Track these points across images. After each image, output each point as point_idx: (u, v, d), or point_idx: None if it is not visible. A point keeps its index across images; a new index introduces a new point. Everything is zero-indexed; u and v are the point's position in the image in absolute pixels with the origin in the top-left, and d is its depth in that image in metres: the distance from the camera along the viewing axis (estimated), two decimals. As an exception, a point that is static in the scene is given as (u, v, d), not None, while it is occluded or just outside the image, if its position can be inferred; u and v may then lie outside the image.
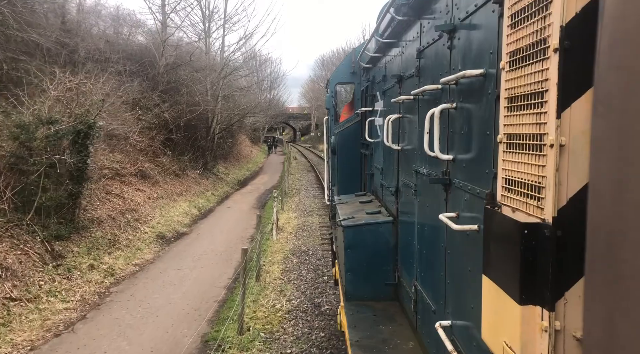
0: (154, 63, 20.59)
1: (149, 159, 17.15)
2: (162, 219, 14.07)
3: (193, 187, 20.01)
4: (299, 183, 26.85)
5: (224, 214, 17.25)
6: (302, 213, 17.30)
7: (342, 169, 7.95)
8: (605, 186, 1.22)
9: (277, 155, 52.80)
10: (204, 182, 21.75)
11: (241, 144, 39.86)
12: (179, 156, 20.59)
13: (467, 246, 2.43)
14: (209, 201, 19.24)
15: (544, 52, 1.42)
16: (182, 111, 20.39)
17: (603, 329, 1.22)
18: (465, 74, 2.27)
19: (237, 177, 28.34)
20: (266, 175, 31.82)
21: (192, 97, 21.31)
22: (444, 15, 2.92)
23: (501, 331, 1.65)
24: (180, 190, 18.31)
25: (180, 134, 20.38)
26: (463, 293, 2.53)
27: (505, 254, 1.62)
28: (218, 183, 23.54)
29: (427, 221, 3.39)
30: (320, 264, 10.73)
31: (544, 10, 1.41)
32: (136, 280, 9.47)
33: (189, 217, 15.68)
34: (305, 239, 13.20)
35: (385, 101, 5.13)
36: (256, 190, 24.33)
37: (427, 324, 3.39)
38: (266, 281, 9.49)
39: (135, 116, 16.83)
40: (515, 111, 1.61)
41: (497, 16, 2.02)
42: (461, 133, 2.57)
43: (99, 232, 10.82)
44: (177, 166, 19.87)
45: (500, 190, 1.73)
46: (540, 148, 1.45)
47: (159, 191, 16.23)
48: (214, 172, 25.36)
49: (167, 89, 20.32)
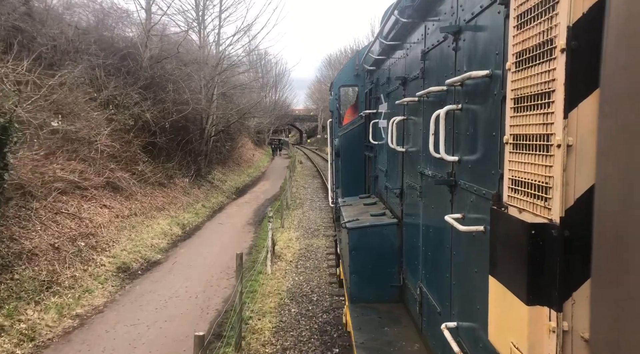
0: (137, 56, 17.89)
1: (123, 167, 14.39)
2: (130, 244, 11.29)
3: (180, 198, 17.28)
4: (303, 191, 24.01)
5: (213, 233, 14.47)
6: (306, 232, 14.50)
7: (346, 172, 7.90)
8: (612, 186, 1.23)
9: (281, 158, 50.31)
10: (194, 192, 19.01)
11: (242, 147, 37.16)
12: (165, 162, 17.89)
13: (473, 247, 2.42)
14: (197, 215, 16.48)
15: (551, 52, 1.42)
16: (168, 110, 17.65)
17: (611, 329, 1.23)
18: (471, 75, 2.26)
19: (235, 184, 25.58)
20: (268, 181, 29.04)
21: (180, 95, 18.59)
22: (449, 16, 2.91)
23: (508, 331, 1.65)
24: (162, 203, 15.55)
25: (166, 137, 17.64)
26: (469, 294, 2.51)
27: (512, 255, 1.61)
28: (212, 192, 20.80)
29: (432, 223, 3.39)
30: (329, 321, 7.70)
31: (551, 11, 1.41)
32: (66, 347, 6.66)
33: (168, 239, 12.90)
34: (309, 273, 10.36)
35: (390, 103, 5.15)
36: (255, 200, 21.54)
37: (432, 326, 3.38)
38: (250, 350, 6.62)
39: (106, 116, 14.10)
40: (521, 112, 1.61)
41: (503, 17, 2.03)
42: (467, 134, 2.56)
43: (29, 271, 7.96)
44: (162, 174, 17.15)
45: (506, 191, 1.73)
46: (547, 148, 1.44)
47: (133, 206, 13.47)
48: (209, 179, 22.64)
49: (149, 85, 17.59)
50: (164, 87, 18.15)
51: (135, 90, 16.37)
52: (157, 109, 17.17)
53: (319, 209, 18.72)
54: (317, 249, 12.36)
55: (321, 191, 23.48)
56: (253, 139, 48.33)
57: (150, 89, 17.77)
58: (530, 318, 1.47)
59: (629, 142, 1.15)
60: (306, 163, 42.90)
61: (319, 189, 24.48)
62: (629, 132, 1.16)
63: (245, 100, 31.43)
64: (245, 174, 30.82)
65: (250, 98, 29.69)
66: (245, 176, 29.86)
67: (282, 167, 37.41)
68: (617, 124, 1.21)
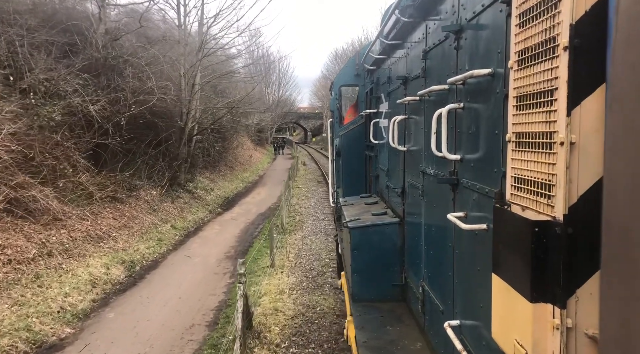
0: (86, 31, 13.58)
1: (44, 180, 10.10)
2: (15, 315, 6.96)
3: (141, 218, 13.00)
4: (305, 203, 19.58)
5: (171, 276, 10.07)
6: (305, 278, 9.67)
7: (347, 171, 7.87)
8: (620, 182, 1.22)
9: (284, 158, 46.42)
10: (165, 208, 14.76)
11: (238, 148, 32.82)
12: (124, 170, 13.64)
13: (475, 245, 2.43)
14: (160, 243, 12.15)
15: (554, 50, 1.41)
16: (126, 102, 13.32)
17: (620, 326, 1.22)
18: (473, 74, 2.26)
19: (224, 193, 21.23)
20: (265, 188, 24.66)
21: (144, 83, 14.24)
22: (450, 15, 2.90)
23: (512, 329, 1.65)
24: (108, 228, 11.25)
25: (123, 137, 13.30)
26: (472, 293, 2.52)
27: (515, 253, 1.61)
28: (190, 206, 16.51)
29: (434, 222, 3.38)
30: None
31: (553, 9, 1.41)
32: None
33: (95, 293, 8.51)
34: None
35: (390, 102, 5.14)
36: (245, 215, 17.18)
37: (435, 325, 3.37)
38: None
39: (12, 107, 9.79)
40: (524, 110, 1.60)
41: (505, 15, 2.02)
42: (469, 133, 2.56)
43: None
44: (118, 185, 12.93)
45: (509, 189, 1.73)
46: (550, 146, 1.44)
47: (51, 240, 9.16)
48: (189, 188, 18.36)
49: (99, 68, 13.28)
50: (120, 72, 13.83)
51: (74, 73, 12.08)
52: (109, 100, 12.86)
53: (324, 232, 13.72)
54: (321, 317, 7.68)
55: (327, 204, 17.99)
56: (253, 138, 43.81)
57: (102, 75, 13.47)
58: (534, 315, 1.48)
59: (636, 138, 1.16)
60: (310, 165, 38.38)
61: (325, 201, 19.24)
62: (637, 129, 1.16)
63: (241, 94, 27.16)
64: (239, 179, 26.49)
65: (247, 91, 25.17)
66: (239, 182, 25.54)
67: (283, 170, 33.02)
68: (625, 120, 1.22)
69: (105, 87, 13.20)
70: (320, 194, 21.66)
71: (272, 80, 61.58)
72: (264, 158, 41.71)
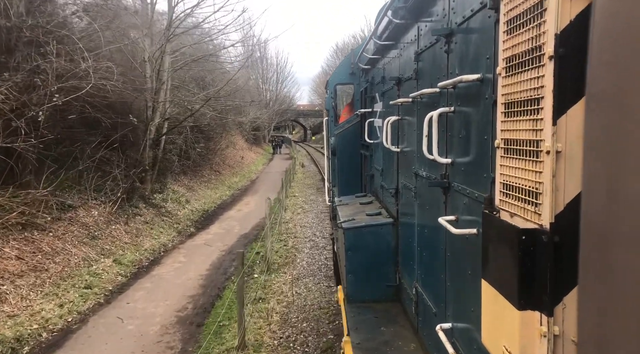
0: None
1: None
2: None
3: (67, 252, 9.31)
4: (301, 219, 15.71)
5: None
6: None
7: (342, 170, 7.82)
8: (598, 187, 1.24)
9: (281, 158, 43.12)
10: (113, 232, 11.07)
11: (228, 149, 29.10)
12: (46, 184, 9.91)
13: (466, 249, 2.42)
14: (85, 294, 8.33)
15: (540, 59, 1.43)
16: (46, 87, 9.49)
17: (597, 331, 1.25)
18: (462, 79, 2.27)
19: (204, 204, 17.47)
20: (255, 197, 20.76)
21: (77, 64, 10.36)
22: (441, 19, 2.90)
23: (500, 335, 1.66)
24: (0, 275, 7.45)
25: (41, 137, 9.47)
26: (463, 296, 2.51)
27: (503, 259, 1.62)
28: (154, 226, 12.82)
29: (426, 223, 3.37)
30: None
31: (539, 18, 1.42)
32: None
33: None
34: None
35: (385, 102, 5.09)
36: (223, 238, 13.37)
37: (428, 326, 3.35)
38: None
39: None
40: (512, 117, 1.62)
41: (493, 22, 2.02)
42: (459, 137, 2.57)
43: None
44: (34, 207, 9.21)
45: (498, 195, 1.74)
46: (537, 154, 1.46)
47: None
48: (156, 202, 14.59)
49: (6, 41, 9.46)
50: (37, 49, 9.92)
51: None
52: (22, 85, 9.05)
53: (325, 272, 9.61)
54: None
55: (329, 222, 12.93)
56: (247, 137, 40.30)
57: (16, 52, 9.64)
58: (522, 322, 1.49)
59: (614, 138, 1.17)
60: (309, 167, 34.66)
61: (327, 217, 14.38)
62: (614, 128, 1.18)
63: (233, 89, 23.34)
64: (227, 185, 22.77)
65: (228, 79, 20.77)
66: (225, 189, 21.78)
67: (279, 172, 29.18)
68: (602, 120, 1.24)
69: (15, 68, 9.36)
70: (320, 207, 17.57)
71: (269, 76, 58.02)
72: (259, 159, 38.28)
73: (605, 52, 1.20)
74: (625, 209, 1.11)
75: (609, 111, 1.20)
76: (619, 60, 1.14)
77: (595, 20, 1.24)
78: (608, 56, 1.18)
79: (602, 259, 1.22)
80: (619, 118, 1.15)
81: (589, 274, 1.30)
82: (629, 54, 1.11)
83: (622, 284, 1.13)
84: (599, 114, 1.25)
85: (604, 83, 1.21)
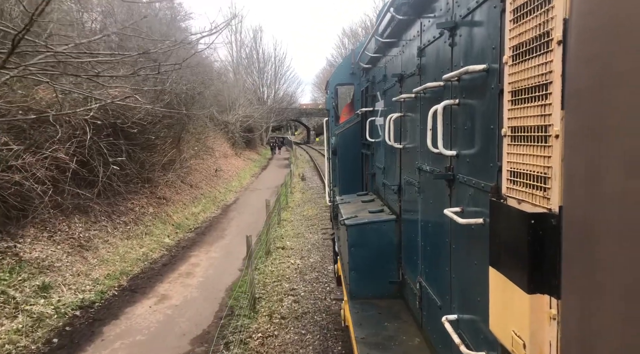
0: None
1: None
2: None
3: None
4: (301, 289, 8.85)
5: None
6: None
7: (344, 170, 7.92)
8: (578, 177, 1.28)
9: (277, 167, 34.99)
10: None
11: (194, 159, 19.79)
12: None
13: (472, 240, 2.45)
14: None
15: (548, 44, 1.44)
16: None
17: (579, 319, 1.29)
18: (468, 70, 2.28)
19: (88, 289, 8.40)
20: (215, 248, 11.77)
21: None
22: (444, 12, 2.94)
23: (509, 321, 1.67)
24: None
25: None
26: (469, 287, 2.54)
27: (512, 245, 1.64)
28: None
29: (431, 218, 3.41)
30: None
31: (547, 4, 1.44)
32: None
33: None
34: None
35: (386, 100, 5.16)
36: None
37: (432, 320, 3.39)
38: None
39: None
40: (519, 104, 1.63)
41: (499, 11, 2.05)
42: (464, 129, 2.58)
43: None
44: None
45: (505, 183, 1.75)
46: (545, 139, 1.46)
47: None
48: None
49: None
50: None
51: None
52: None
53: None
54: None
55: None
56: (236, 140, 32.59)
57: None
58: (531, 306, 1.50)
59: (593, 134, 1.20)
60: (311, 181, 25.08)
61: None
62: (592, 124, 1.20)
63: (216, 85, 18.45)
64: (172, 225, 13.23)
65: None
66: (165, 236, 12.37)
67: (271, 189, 21.62)
68: (580, 117, 1.26)
69: None
70: (328, 256, 10.49)
71: (266, 69, 55.50)
72: (248, 168, 29.40)
73: (583, 49, 1.23)
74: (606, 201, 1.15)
75: (588, 107, 1.22)
76: (597, 59, 1.17)
77: (573, 19, 1.28)
78: (586, 53, 1.21)
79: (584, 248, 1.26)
80: (598, 116, 1.18)
81: (572, 262, 1.33)
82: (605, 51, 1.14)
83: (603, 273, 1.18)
84: (577, 111, 1.27)
85: (583, 80, 1.23)
